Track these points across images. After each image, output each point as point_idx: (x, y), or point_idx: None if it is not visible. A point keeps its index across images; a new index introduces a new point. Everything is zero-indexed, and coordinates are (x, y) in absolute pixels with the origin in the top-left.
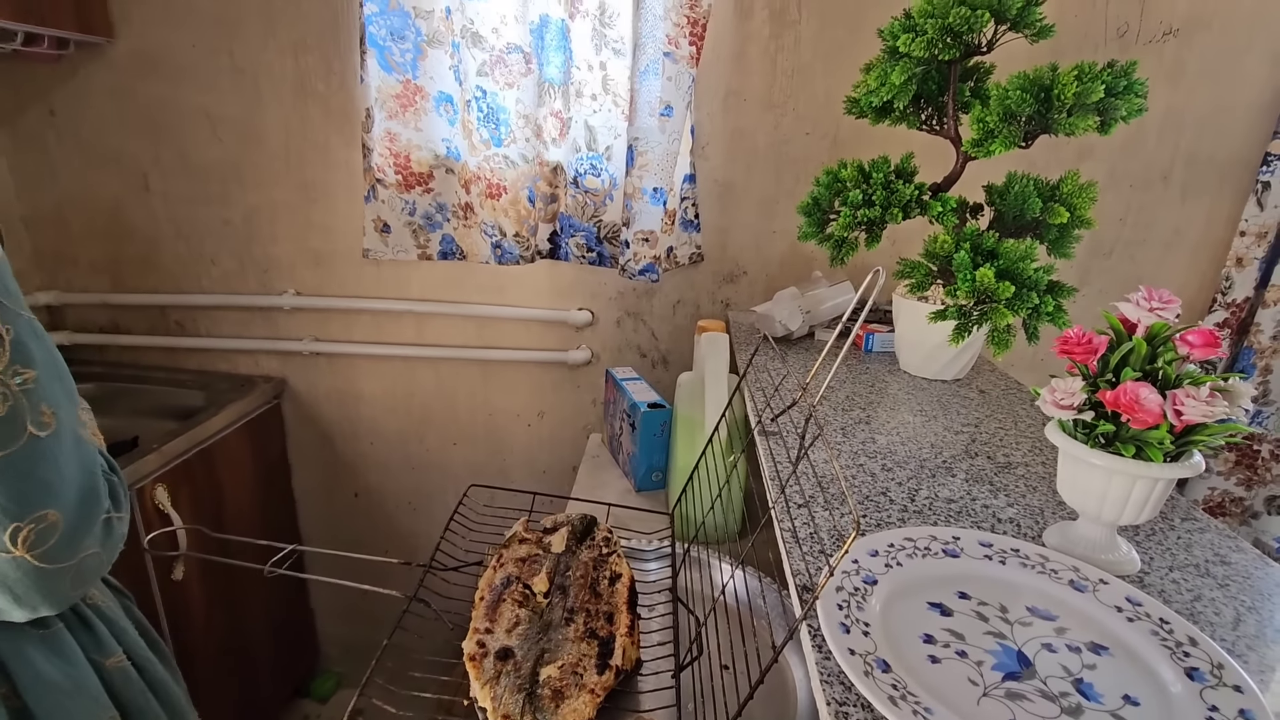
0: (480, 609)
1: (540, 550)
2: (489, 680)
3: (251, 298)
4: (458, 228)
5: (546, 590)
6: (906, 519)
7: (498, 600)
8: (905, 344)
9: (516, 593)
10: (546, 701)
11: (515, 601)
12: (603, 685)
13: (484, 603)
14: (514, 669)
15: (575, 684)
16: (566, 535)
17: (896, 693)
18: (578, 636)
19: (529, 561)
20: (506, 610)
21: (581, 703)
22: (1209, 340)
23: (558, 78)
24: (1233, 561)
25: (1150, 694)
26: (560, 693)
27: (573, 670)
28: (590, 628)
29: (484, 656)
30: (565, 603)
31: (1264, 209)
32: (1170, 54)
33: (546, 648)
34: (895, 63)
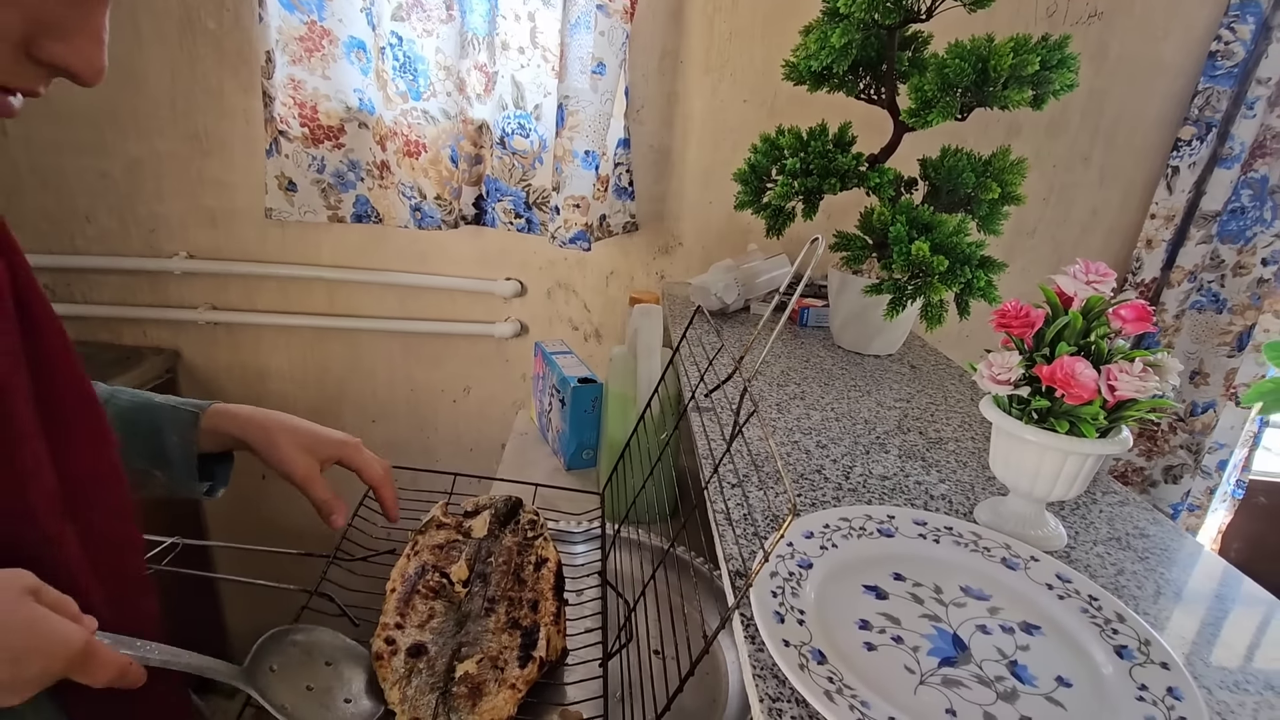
0: (391, 602)
1: (460, 536)
2: (398, 680)
3: (136, 260)
4: (373, 188)
5: (466, 579)
6: (841, 497)
7: (410, 592)
8: (840, 318)
9: (432, 582)
10: (461, 700)
11: (429, 592)
12: (525, 679)
13: (395, 595)
14: (427, 666)
15: (495, 679)
16: (489, 519)
17: (833, 686)
18: (499, 627)
19: (447, 548)
20: (419, 603)
21: (501, 699)
22: (1141, 314)
23: (482, 27)
24: (1151, 534)
25: (1082, 674)
26: (478, 689)
27: (493, 664)
28: (513, 617)
29: (393, 654)
30: (486, 592)
31: (1173, 193)
32: (1094, 37)
33: (464, 641)
34: (835, 24)
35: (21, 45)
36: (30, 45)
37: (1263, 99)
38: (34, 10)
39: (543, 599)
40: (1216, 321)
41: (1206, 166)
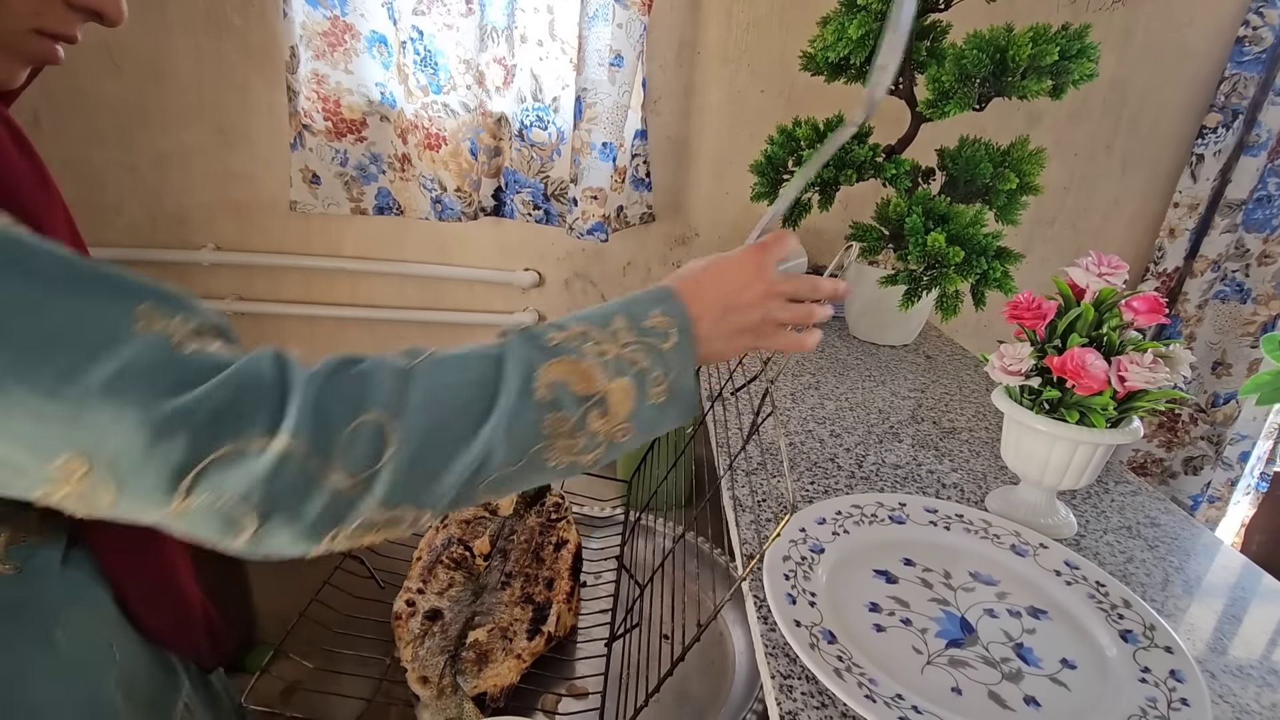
0: (415, 569)
1: (487, 513)
2: (412, 640)
3: (165, 252)
4: (394, 180)
5: (487, 553)
6: (854, 485)
7: (434, 561)
8: (855, 309)
9: (454, 554)
10: (469, 665)
11: (452, 563)
12: (531, 651)
13: (420, 563)
14: (441, 631)
15: (503, 648)
16: (516, 499)
17: (842, 664)
18: (512, 601)
19: (474, 523)
20: (441, 571)
21: (506, 668)
22: (1154, 306)
23: (501, 21)
24: (1162, 523)
25: (1087, 657)
26: (485, 656)
27: (502, 634)
28: (527, 592)
29: (411, 616)
30: (504, 567)
31: (1197, 181)
32: (1118, 23)
33: (479, 611)
34: (853, 16)
35: None
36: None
37: None
38: None
39: (559, 578)
40: (1240, 311)
41: (1232, 154)
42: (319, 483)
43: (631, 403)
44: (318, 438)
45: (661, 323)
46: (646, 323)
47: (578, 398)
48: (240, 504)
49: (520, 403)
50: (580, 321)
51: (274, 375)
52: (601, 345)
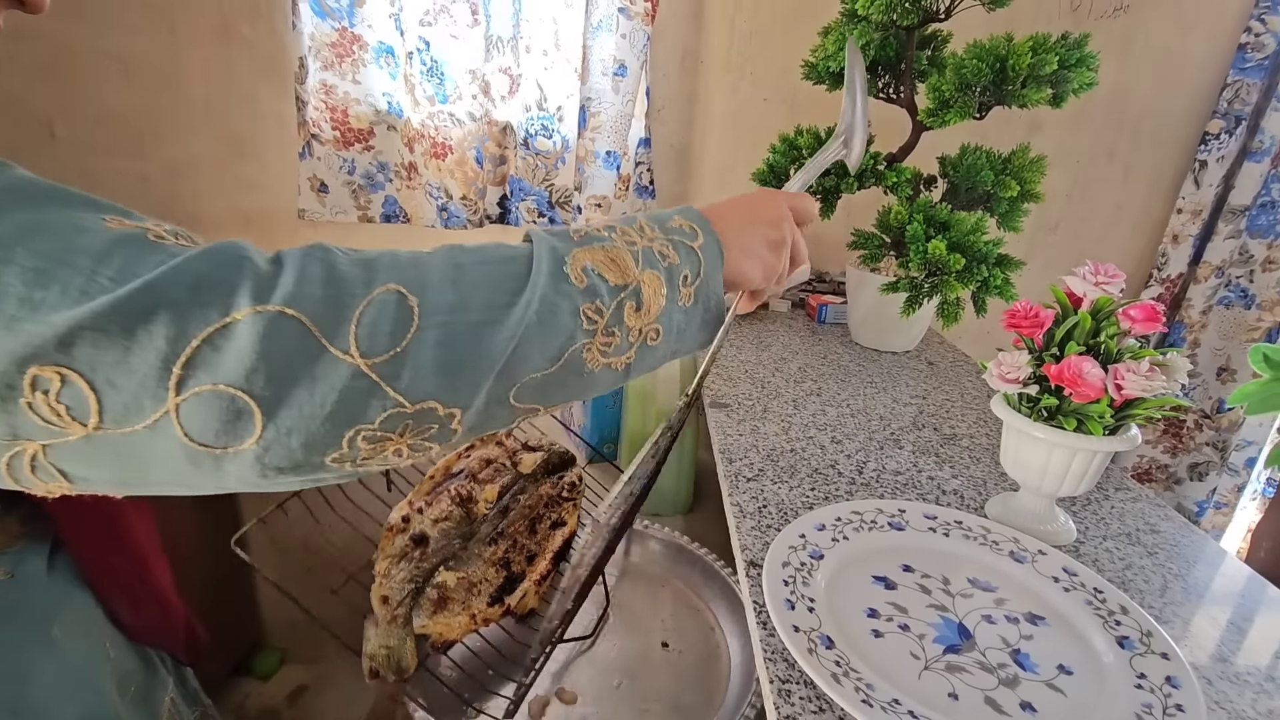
0: (425, 485)
1: (509, 463)
2: (390, 556)
3: None
4: (401, 189)
5: (491, 502)
6: (854, 492)
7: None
8: (857, 315)
9: (463, 490)
10: (427, 603)
11: (456, 497)
12: (485, 616)
13: (431, 481)
14: (420, 558)
15: (462, 602)
16: (539, 461)
17: (839, 669)
18: (491, 559)
19: (493, 465)
20: (445, 500)
21: (456, 622)
22: (1150, 315)
23: (507, 31)
24: (1161, 530)
25: (1083, 663)
26: (444, 601)
27: (469, 588)
28: (507, 558)
29: (401, 532)
30: (499, 523)
31: (1200, 187)
32: (1120, 30)
33: (459, 555)
34: (854, 26)
35: None
36: None
37: None
38: None
39: (542, 556)
40: (1245, 317)
41: (1235, 160)
42: (328, 360)
43: (663, 299)
44: (323, 308)
45: (684, 224)
46: (671, 223)
47: (612, 286)
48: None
49: (554, 284)
50: (601, 222)
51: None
52: (630, 236)
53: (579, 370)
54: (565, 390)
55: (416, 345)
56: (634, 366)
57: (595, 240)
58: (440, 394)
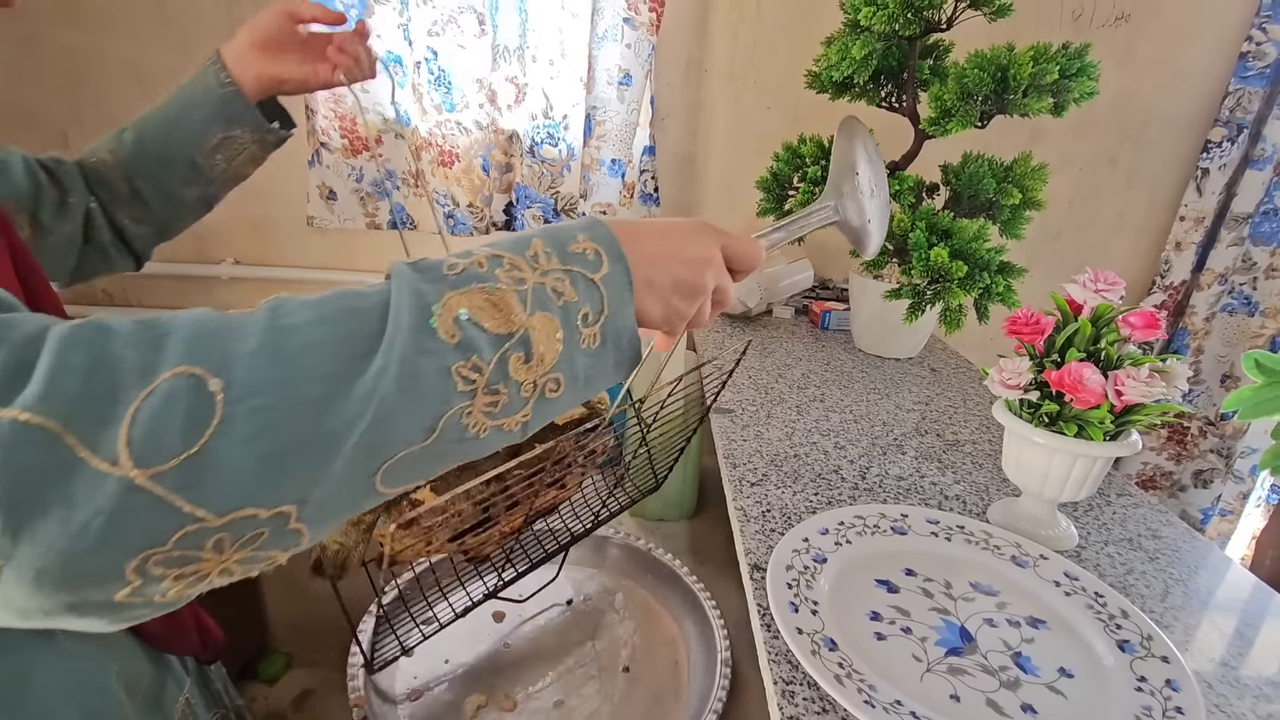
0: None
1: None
2: None
3: (187, 266)
4: (408, 196)
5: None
6: (857, 497)
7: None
8: (861, 322)
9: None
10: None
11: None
12: (437, 549)
13: None
14: None
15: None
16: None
17: (842, 671)
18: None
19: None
20: None
21: (407, 543)
22: (1150, 322)
23: (513, 41)
24: (1163, 535)
25: (1084, 666)
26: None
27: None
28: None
29: None
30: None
31: (1202, 195)
32: (1121, 39)
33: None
34: (856, 36)
35: None
36: None
37: None
38: None
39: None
40: (1248, 324)
41: (1238, 168)
42: (88, 475)
43: (559, 344)
44: (82, 408)
45: (589, 248)
46: (573, 247)
47: (493, 337)
48: None
49: (416, 342)
50: (487, 247)
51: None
52: (518, 271)
53: (459, 438)
54: (446, 460)
55: (220, 441)
56: (531, 424)
57: (474, 279)
58: (260, 496)
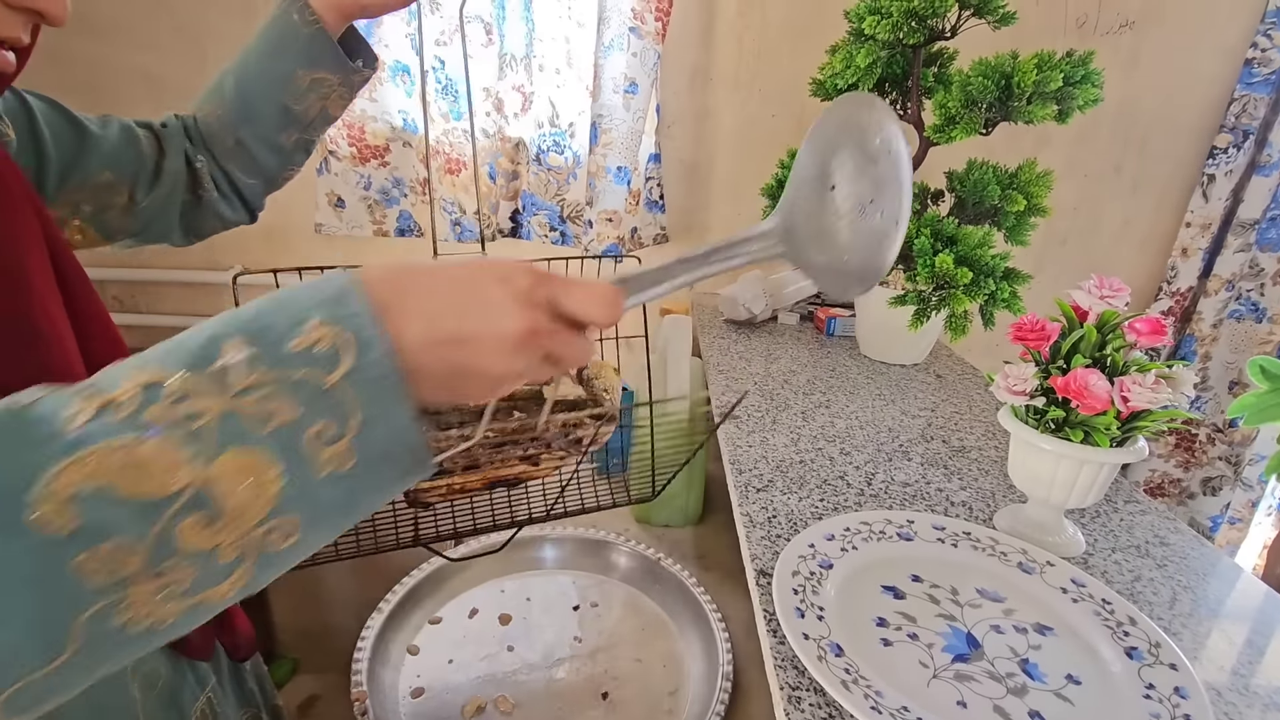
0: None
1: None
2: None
3: (196, 273)
4: (415, 203)
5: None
6: (863, 503)
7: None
8: (866, 328)
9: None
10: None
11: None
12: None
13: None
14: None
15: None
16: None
17: (849, 676)
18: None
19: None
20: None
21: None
22: (1156, 328)
23: (520, 50)
24: (1171, 543)
25: (1092, 673)
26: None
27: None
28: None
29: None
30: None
31: (1209, 201)
32: (1126, 46)
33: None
34: (860, 45)
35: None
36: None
37: None
38: None
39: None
40: (1256, 331)
41: (1244, 174)
42: None
43: (275, 483)
44: None
45: (322, 339)
46: (294, 344)
47: (140, 507)
48: None
49: (5, 541)
50: (154, 362)
51: None
52: (190, 404)
53: (119, 639)
54: (112, 662)
55: None
56: (256, 581)
57: (102, 435)
58: None
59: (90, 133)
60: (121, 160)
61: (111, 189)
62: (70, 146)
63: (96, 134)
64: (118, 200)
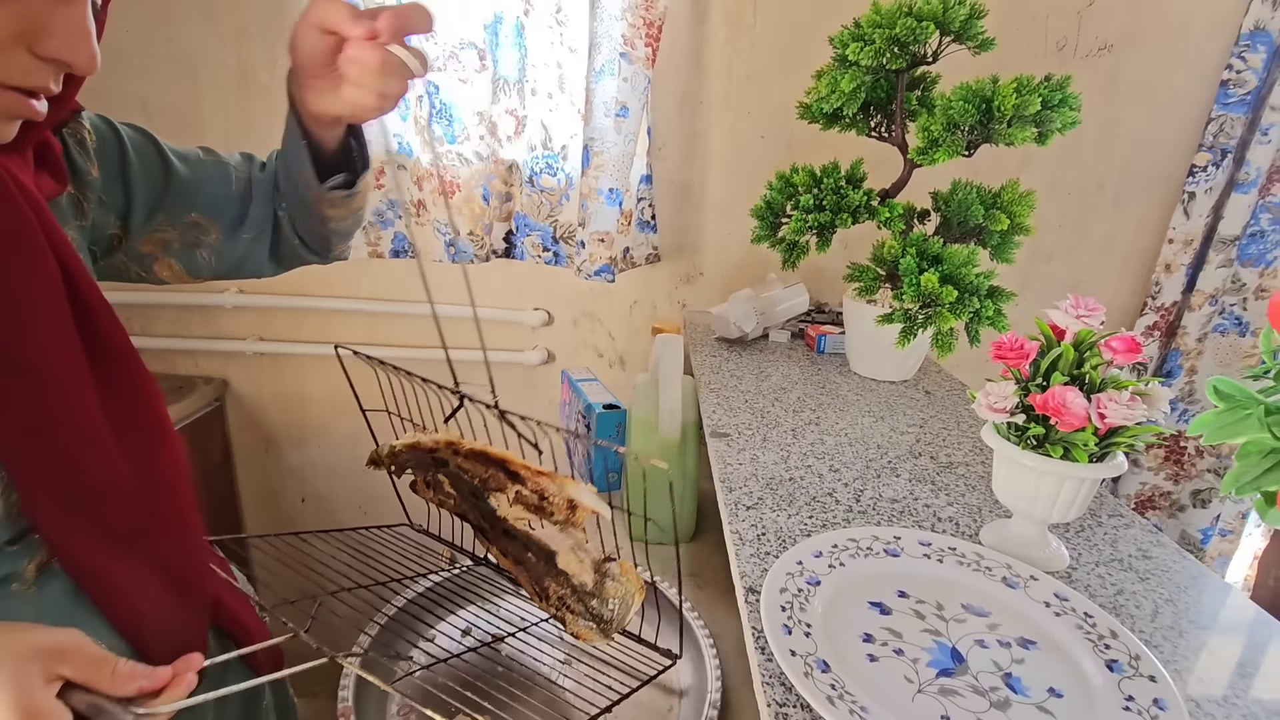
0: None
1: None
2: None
3: (190, 295)
4: (410, 225)
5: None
6: (851, 519)
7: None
8: (855, 346)
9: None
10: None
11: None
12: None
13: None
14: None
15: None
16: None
17: (835, 692)
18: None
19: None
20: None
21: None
22: (1130, 346)
23: (513, 75)
24: (1154, 556)
25: (1073, 686)
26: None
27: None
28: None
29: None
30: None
31: (1190, 218)
32: (1105, 69)
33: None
34: (845, 70)
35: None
36: (32, 44)
37: (1277, 125)
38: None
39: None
40: (1240, 344)
41: (1224, 191)
42: None
43: None
44: None
45: None
46: None
47: None
48: None
49: None
50: None
51: None
52: None
53: None
54: None
55: None
56: None
57: None
58: None
59: (176, 173)
60: (210, 202)
61: (199, 228)
62: (159, 183)
63: (183, 175)
64: (206, 239)
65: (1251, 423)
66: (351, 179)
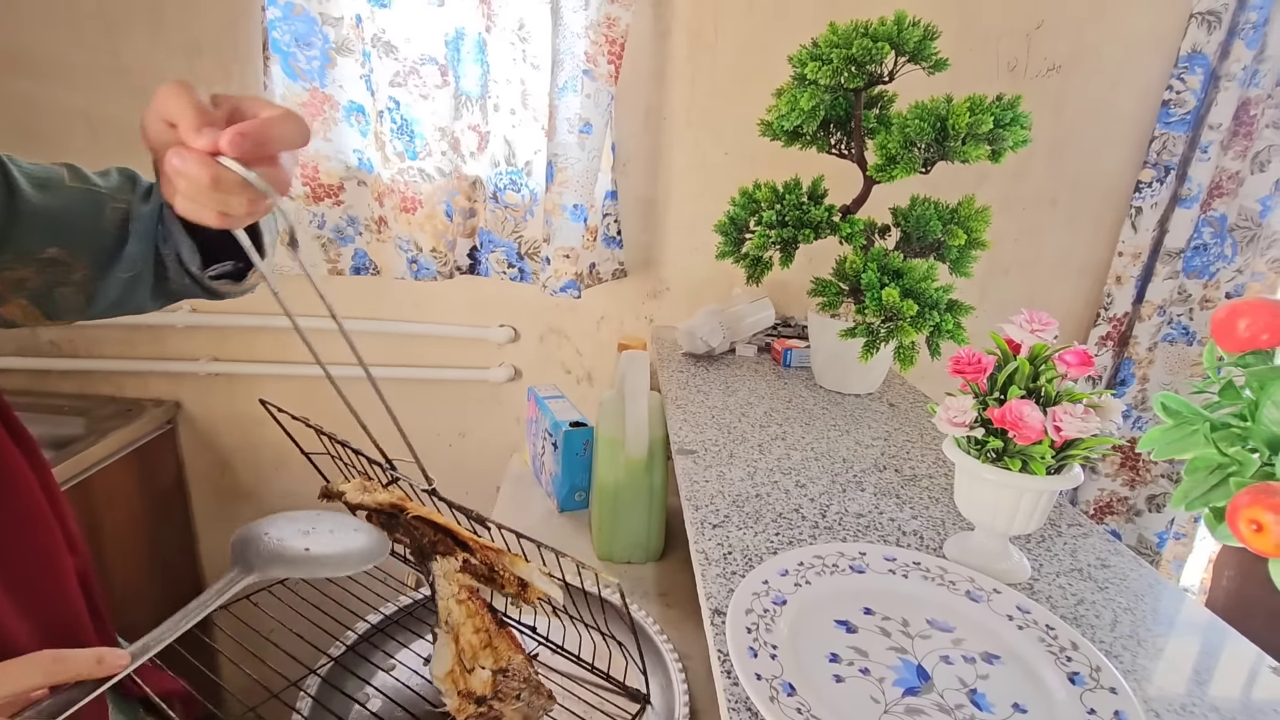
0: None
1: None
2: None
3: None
4: (370, 242)
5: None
6: (818, 535)
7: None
8: (820, 359)
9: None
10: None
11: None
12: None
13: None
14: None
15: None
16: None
17: (800, 716)
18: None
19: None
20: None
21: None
22: (1083, 359)
23: (475, 91)
24: (1112, 564)
25: (1037, 700)
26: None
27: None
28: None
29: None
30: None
31: (1138, 231)
32: (1054, 88)
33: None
34: (804, 89)
35: None
36: None
37: (1215, 143)
38: None
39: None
40: (1188, 353)
41: (1168, 206)
42: None
43: None
44: None
45: None
46: None
47: None
48: None
49: None
50: None
51: None
52: None
53: None
54: None
55: None
56: None
57: None
58: None
59: (27, 201)
60: (74, 236)
61: (60, 266)
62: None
63: (37, 204)
64: (71, 278)
65: (1197, 438)
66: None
